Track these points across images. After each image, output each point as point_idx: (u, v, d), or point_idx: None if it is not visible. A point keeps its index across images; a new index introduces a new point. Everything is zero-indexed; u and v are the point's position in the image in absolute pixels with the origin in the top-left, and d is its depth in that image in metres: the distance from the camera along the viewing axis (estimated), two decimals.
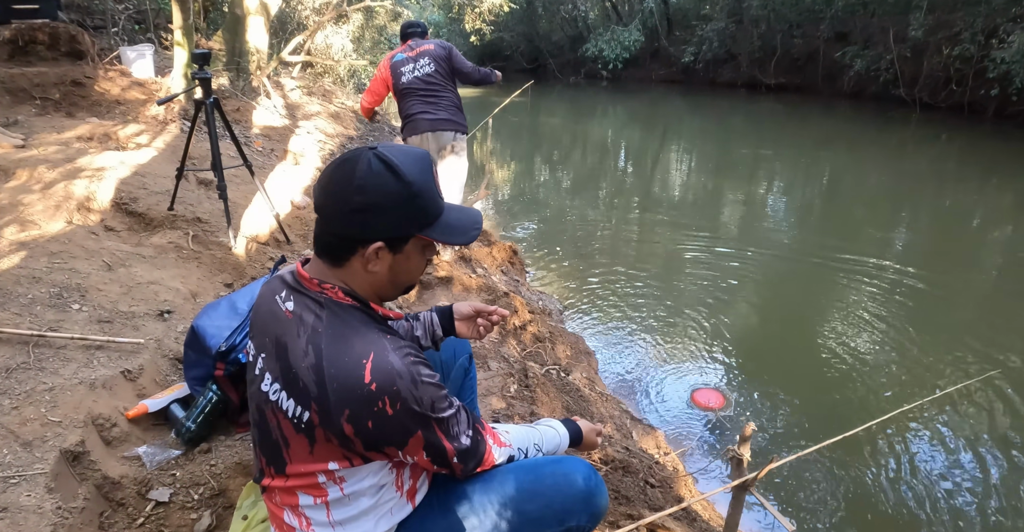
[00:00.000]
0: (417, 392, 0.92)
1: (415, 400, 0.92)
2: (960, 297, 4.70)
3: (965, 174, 9.13)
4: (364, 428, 0.91)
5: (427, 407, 0.94)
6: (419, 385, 0.93)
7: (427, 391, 0.94)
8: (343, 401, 0.90)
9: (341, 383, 0.90)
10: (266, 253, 3.14)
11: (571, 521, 1.12)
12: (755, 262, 5.37)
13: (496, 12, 11.93)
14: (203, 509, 1.50)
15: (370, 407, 0.90)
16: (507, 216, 6.83)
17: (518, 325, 3.39)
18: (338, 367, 0.91)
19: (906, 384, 3.42)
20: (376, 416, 0.91)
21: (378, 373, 0.90)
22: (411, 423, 0.93)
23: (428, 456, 0.98)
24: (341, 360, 0.91)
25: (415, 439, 0.95)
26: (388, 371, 0.91)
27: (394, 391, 0.90)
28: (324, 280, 0.98)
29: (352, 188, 0.91)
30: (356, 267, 0.98)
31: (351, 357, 0.91)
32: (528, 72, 25.35)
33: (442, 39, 5.02)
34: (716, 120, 14.93)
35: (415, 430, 0.94)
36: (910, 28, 13.75)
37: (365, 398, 0.90)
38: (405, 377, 0.92)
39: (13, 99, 4.53)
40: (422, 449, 0.97)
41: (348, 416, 0.91)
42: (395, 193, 0.93)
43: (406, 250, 0.99)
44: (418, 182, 0.94)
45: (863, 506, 2.60)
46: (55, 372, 1.72)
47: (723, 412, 3.20)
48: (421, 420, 0.94)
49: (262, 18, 6.87)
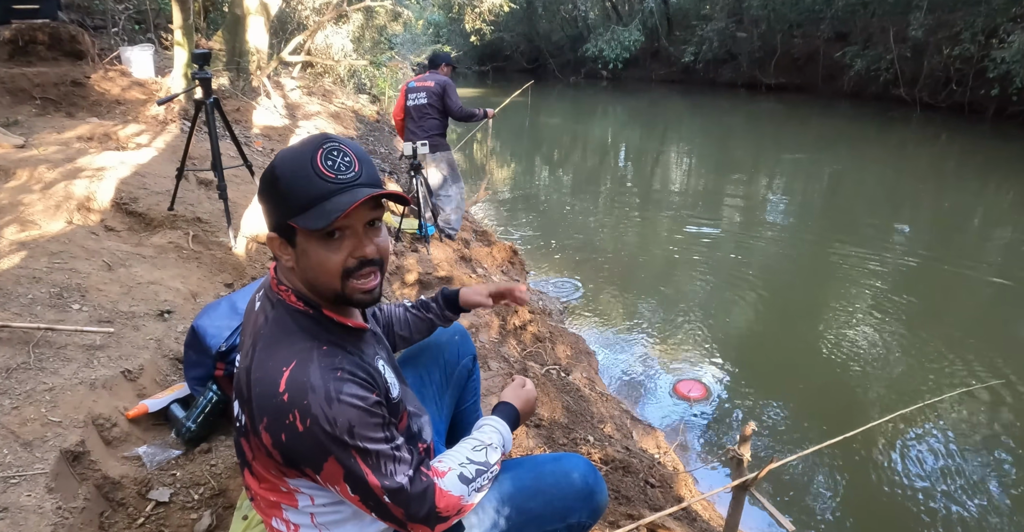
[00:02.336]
0: (330, 411, 0.85)
1: (327, 419, 0.85)
2: (962, 299, 4.70)
3: (965, 174, 9.13)
4: (279, 441, 0.87)
5: (342, 430, 0.86)
6: (334, 404, 0.85)
7: (344, 412, 0.86)
8: (261, 408, 0.87)
9: (261, 389, 0.88)
10: (266, 253, 3.13)
11: (572, 518, 1.12)
12: (755, 262, 5.37)
13: (496, 12, 11.92)
14: (203, 509, 1.50)
15: (282, 419, 0.86)
16: (507, 216, 6.83)
17: (518, 325, 3.39)
18: (262, 371, 0.89)
19: (906, 386, 3.42)
20: (288, 430, 0.86)
21: (292, 384, 0.86)
22: (323, 445, 0.86)
23: (353, 491, 0.89)
24: (265, 365, 0.89)
25: (331, 465, 0.87)
26: (302, 383, 0.85)
27: (304, 405, 0.85)
28: (282, 281, 0.96)
29: (267, 172, 0.92)
30: (282, 261, 0.95)
31: (274, 363, 0.88)
32: (528, 72, 25.37)
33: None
34: (716, 120, 14.93)
35: (328, 454, 0.86)
36: (910, 28, 13.76)
37: (277, 408, 0.86)
38: (319, 392, 0.85)
39: (13, 99, 4.53)
40: (342, 479, 0.88)
41: (266, 424, 0.87)
42: (267, 179, 0.91)
43: (298, 243, 0.91)
44: (281, 166, 0.90)
45: (863, 506, 2.60)
46: (55, 372, 1.72)
47: (704, 403, 3.23)
48: (335, 444, 0.86)
49: (262, 18, 6.87)
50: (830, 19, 16.63)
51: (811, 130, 13.09)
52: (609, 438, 2.48)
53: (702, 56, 20.35)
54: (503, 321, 3.35)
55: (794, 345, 3.97)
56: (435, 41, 20.62)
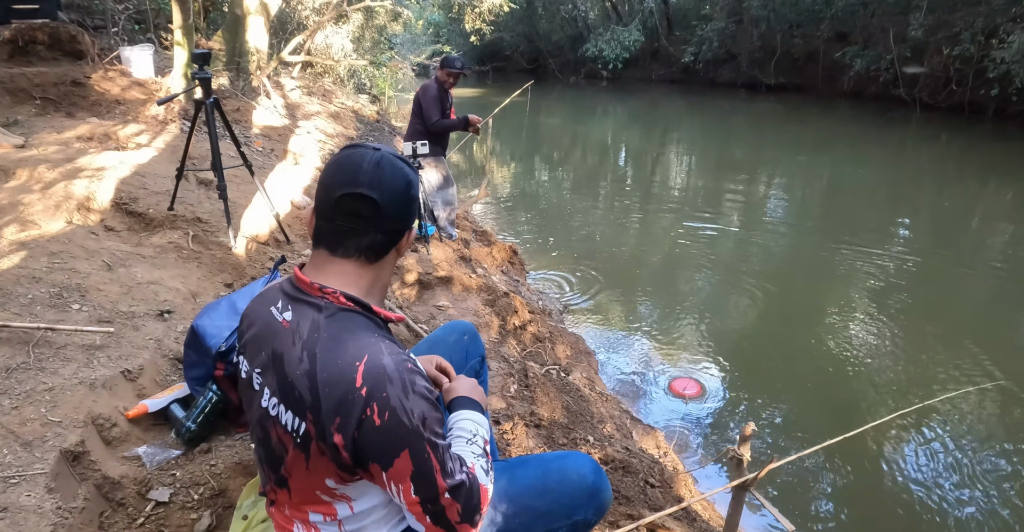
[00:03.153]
0: (408, 403, 0.86)
1: (404, 411, 0.85)
2: (962, 299, 4.71)
3: (965, 174, 9.13)
4: (351, 439, 0.86)
5: (419, 422, 0.86)
6: (410, 395, 0.86)
7: (418, 404, 0.87)
8: (334, 408, 0.86)
9: (332, 388, 0.86)
10: (266, 253, 3.13)
11: (578, 515, 1.13)
12: (755, 262, 5.37)
13: (496, 12, 11.92)
14: (203, 509, 1.50)
15: (359, 415, 0.84)
16: (507, 216, 6.83)
17: (518, 325, 3.39)
18: (331, 371, 0.87)
19: (906, 385, 3.42)
20: (363, 425, 0.85)
21: (369, 376, 0.85)
22: (399, 438, 0.86)
23: (416, 492, 0.88)
24: (335, 364, 0.87)
25: (402, 460, 0.86)
26: (379, 375, 0.85)
27: (383, 398, 0.85)
28: (325, 285, 0.94)
29: (405, 181, 0.95)
30: (390, 259, 0.99)
31: (344, 360, 0.87)
32: (528, 72, 25.37)
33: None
34: (716, 120, 14.94)
35: (403, 448, 0.86)
36: (910, 28, 13.76)
37: (354, 404, 0.85)
38: (396, 383, 0.86)
39: (13, 99, 4.53)
40: (409, 477, 0.87)
41: (338, 425, 0.86)
42: (415, 183, 0.98)
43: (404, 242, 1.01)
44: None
45: (863, 506, 2.60)
46: (55, 372, 1.72)
47: (699, 401, 3.24)
48: (412, 436, 0.86)
49: (262, 18, 6.87)
50: (830, 19, 16.63)
51: (811, 130, 13.10)
52: (609, 438, 2.48)
53: (702, 56, 20.35)
54: (503, 321, 3.35)
55: (794, 345, 3.97)
56: (435, 41, 20.62)
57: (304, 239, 3.60)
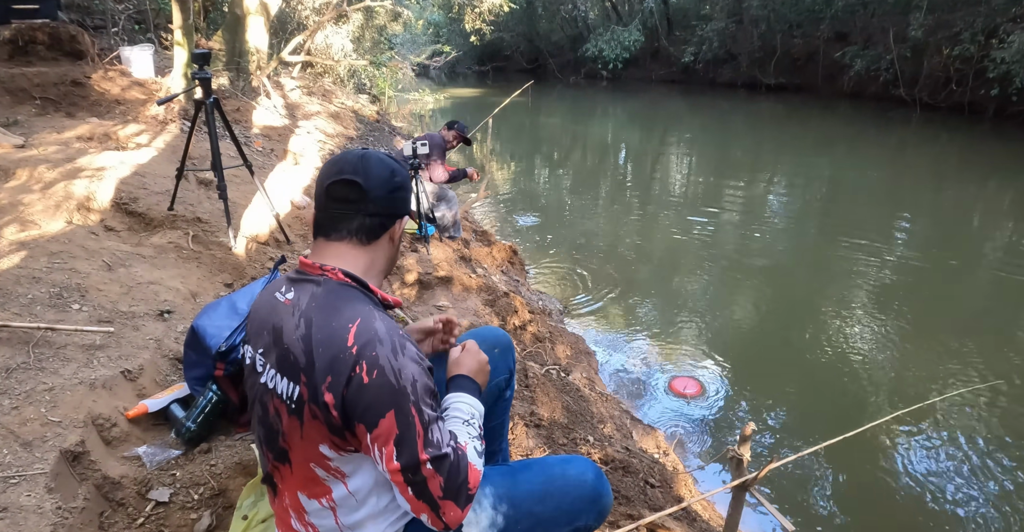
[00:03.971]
0: (396, 363, 0.90)
1: (392, 371, 0.89)
2: (962, 299, 4.70)
3: (965, 174, 9.13)
4: (341, 397, 0.89)
5: (407, 383, 0.90)
6: (399, 356, 0.90)
7: (408, 366, 0.91)
8: (326, 367, 0.90)
9: (325, 347, 0.91)
10: (266, 253, 3.13)
11: (580, 521, 1.13)
12: (755, 262, 5.37)
13: (496, 12, 11.92)
14: (203, 509, 1.50)
15: (348, 372, 0.89)
16: (507, 216, 6.83)
17: (518, 325, 3.39)
18: (324, 332, 0.92)
19: (907, 385, 3.42)
20: (353, 383, 0.89)
21: (360, 337, 0.90)
22: (385, 397, 0.89)
23: (398, 458, 0.89)
24: (328, 325, 0.93)
25: (387, 421, 0.89)
26: (370, 336, 0.90)
27: (372, 357, 0.89)
28: (326, 263, 1.02)
29: (390, 171, 1.05)
30: (384, 243, 1.07)
31: (339, 322, 0.93)
32: (528, 72, 25.38)
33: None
34: (716, 120, 14.93)
35: (388, 408, 0.89)
36: (910, 28, 13.76)
37: (345, 362, 0.89)
38: (386, 344, 0.90)
39: (13, 99, 4.52)
40: (392, 441, 0.89)
41: (329, 383, 0.90)
42: (407, 176, 1.11)
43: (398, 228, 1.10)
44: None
45: (863, 506, 2.60)
46: (55, 372, 1.72)
47: (700, 400, 3.25)
48: (398, 396, 0.89)
49: (262, 18, 6.87)
50: (830, 19, 16.62)
51: (811, 130, 13.10)
52: (609, 438, 2.48)
53: (702, 56, 20.35)
54: (503, 321, 3.35)
55: (794, 344, 3.97)
56: (435, 41, 20.63)
57: (304, 239, 3.60)
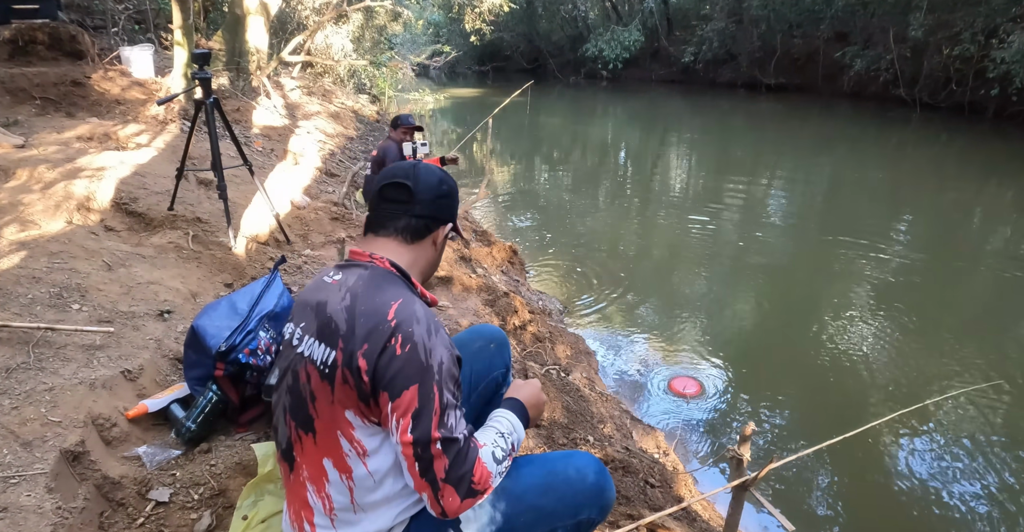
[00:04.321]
0: (429, 343, 0.97)
1: (424, 348, 0.96)
2: (962, 298, 4.70)
3: (965, 174, 9.13)
4: (374, 363, 0.96)
5: (435, 362, 0.97)
6: (433, 337, 0.98)
7: (438, 348, 0.98)
8: (364, 334, 0.97)
9: (367, 318, 0.99)
10: (266, 253, 3.13)
11: (582, 514, 1.14)
12: (755, 262, 5.37)
13: (496, 12, 11.94)
14: (203, 509, 1.50)
15: (384, 342, 0.96)
16: (507, 216, 6.83)
17: (518, 325, 3.39)
18: (368, 305, 1.00)
19: (907, 385, 3.42)
20: (387, 353, 0.96)
21: (401, 313, 0.98)
22: (413, 371, 0.95)
23: (412, 430, 0.95)
24: (372, 300, 1.01)
25: (410, 393, 0.95)
26: (410, 314, 0.98)
27: (408, 332, 0.96)
28: (375, 252, 1.10)
29: (438, 178, 1.16)
30: (426, 245, 1.16)
31: (382, 298, 1.01)
32: (528, 72, 25.38)
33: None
34: (716, 120, 14.93)
35: (413, 381, 0.95)
36: (910, 28, 13.76)
37: (383, 332, 0.96)
38: (423, 324, 0.98)
39: (13, 99, 4.53)
40: (410, 415, 0.95)
41: (366, 350, 0.96)
42: (455, 186, 1.20)
43: (449, 234, 1.20)
44: None
45: (863, 506, 2.60)
46: (55, 372, 1.72)
47: (699, 400, 3.25)
48: (424, 372, 0.96)
49: (262, 18, 6.87)
50: (830, 19, 16.63)
51: (811, 130, 13.10)
52: (609, 438, 2.48)
53: (702, 56, 20.35)
54: (503, 321, 3.35)
55: (794, 344, 3.97)
56: (435, 41, 20.65)
57: (304, 239, 3.60)
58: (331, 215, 3.94)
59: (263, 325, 1.83)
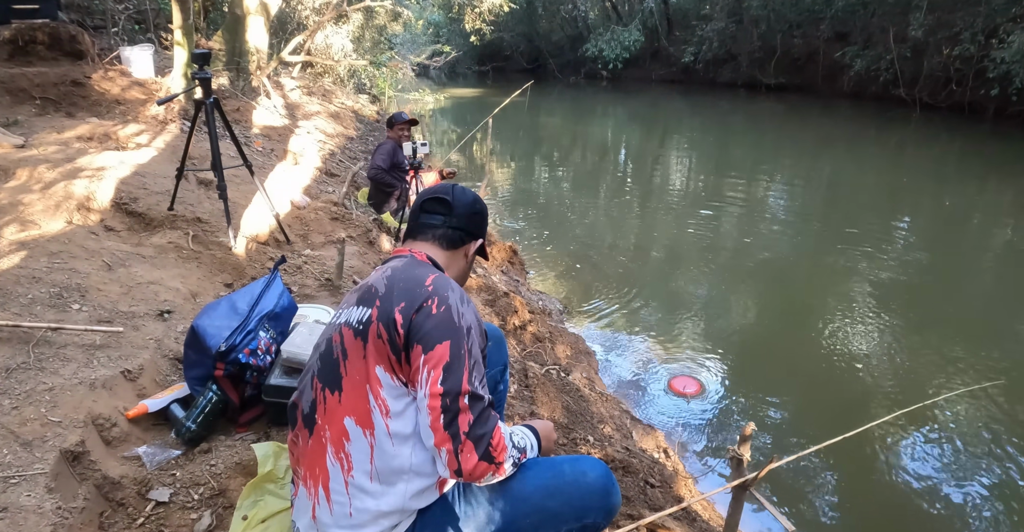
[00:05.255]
0: (462, 307, 1.09)
1: (458, 311, 1.07)
2: (962, 298, 4.71)
3: (965, 174, 9.13)
4: (409, 317, 1.06)
5: (466, 324, 1.07)
6: (465, 304, 1.10)
7: (469, 314, 1.09)
8: (402, 294, 1.09)
9: (406, 283, 1.11)
10: (266, 253, 3.13)
11: (588, 518, 1.15)
12: (755, 262, 5.37)
13: (496, 12, 11.93)
14: (203, 509, 1.50)
15: (421, 302, 1.07)
16: (507, 216, 6.83)
17: (518, 325, 3.39)
18: (407, 274, 1.14)
19: (907, 385, 3.42)
20: (423, 311, 1.06)
21: (437, 282, 1.11)
22: (446, 329, 1.05)
23: (442, 382, 1.01)
24: (411, 273, 1.14)
25: (442, 347, 1.03)
26: (445, 284, 1.11)
27: (443, 296, 1.08)
28: (413, 248, 1.25)
29: (472, 198, 1.33)
30: (459, 255, 1.31)
31: (420, 273, 1.14)
32: (528, 72, 25.37)
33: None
34: (716, 120, 14.93)
35: (446, 337, 1.04)
36: (910, 28, 13.76)
37: (420, 294, 1.08)
38: (456, 292, 1.11)
39: (13, 99, 4.52)
40: (442, 367, 1.02)
41: (403, 307, 1.07)
42: (486, 209, 1.38)
43: (477, 254, 1.35)
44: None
45: (863, 506, 2.60)
46: (55, 372, 1.72)
47: (699, 399, 3.25)
48: (456, 332, 1.05)
49: (262, 18, 6.87)
50: (830, 19, 16.62)
51: (811, 130, 13.09)
52: (609, 438, 2.48)
53: (702, 56, 20.34)
54: (503, 321, 3.35)
55: (794, 344, 3.97)
56: (435, 41, 20.64)
57: (304, 239, 3.60)
58: (331, 215, 3.94)
59: (263, 325, 1.83)
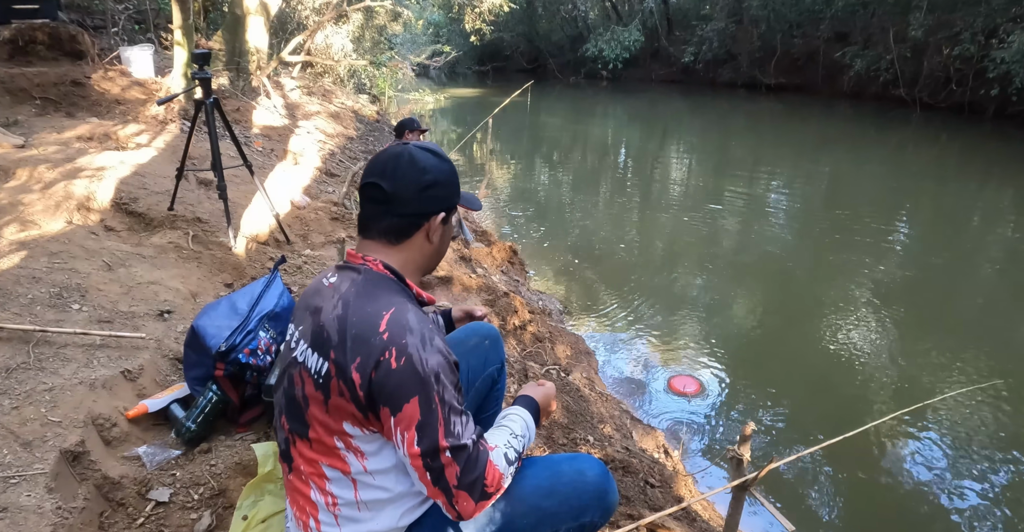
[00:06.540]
0: (424, 353, 0.94)
1: (420, 360, 0.93)
2: (962, 298, 4.71)
3: (965, 174, 9.13)
4: (369, 378, 0.93)
5: (431, 373, 0.94)
6: (428, 347, 0.95)
7: (434, 357, 0.95)
8: (356, 347, 0.95)
9: (359, 329, 0.96)
10: (266, 253, 3.13)
11: (585, 517, 1.14)
12: (755, 262, 5.37)
13: (496, 12, 11.93)
14: (203, 509, 1.50)
15: (378, 356, 0.93)
16: (507, 216, 6.83)
17: (518, 325, 3.39)
18: (359, 316, 0.97)
19: (907, 385, 3.42)
20: (381, 367, 0.93)
21: (393, 325, 0.95)
22: (411, 384, 0.93)
23: (418, 443, 0.93)
24: (364, 310, 0.98)
25: (411, 406, 0.93)
26: (402, 325, 0.95)
27: (401, 344, 0.93)
28: (368, 254, 1.07)
29: (418, 170, 1.06)
30: (418, 241, 1.10)
31: (373, 308, 0.97)
32: (528, 72, 25.36)
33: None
34: (716, 120, 14.93)
35: (413, 394, 0.93)
36: (910, 28, 13.76)
37: (375, 346, 0.94)
38: (416, 334, 0.95)
39: (13, 99, 4.52)
40: (415, 427, 0.93)
41: (358, 364, 0.94)
42: (447, 170, 1.10)
43: (449, 220, 1.13)
44: (446, 158, 1.12)
45: (863, 506, 2.60)
46: (55, 372, 1.72)
47: (700, 399, 3.26)
48: (422, 385, 0.93)
49: (262, 18, 6.87)
50: (830, 19, 16.62)
51: (811, 130, 13.09)
52: (609, 438, 2.48)
53: (702, 56, 20.34)
54: (503, 321, 3.35)
55: (794, 344, 3.97)
56: (435, 41, 20.62)
57: (304, 239, 3.60)
58: (331, 215, 3.94)
59: (263, 325, 1.83)
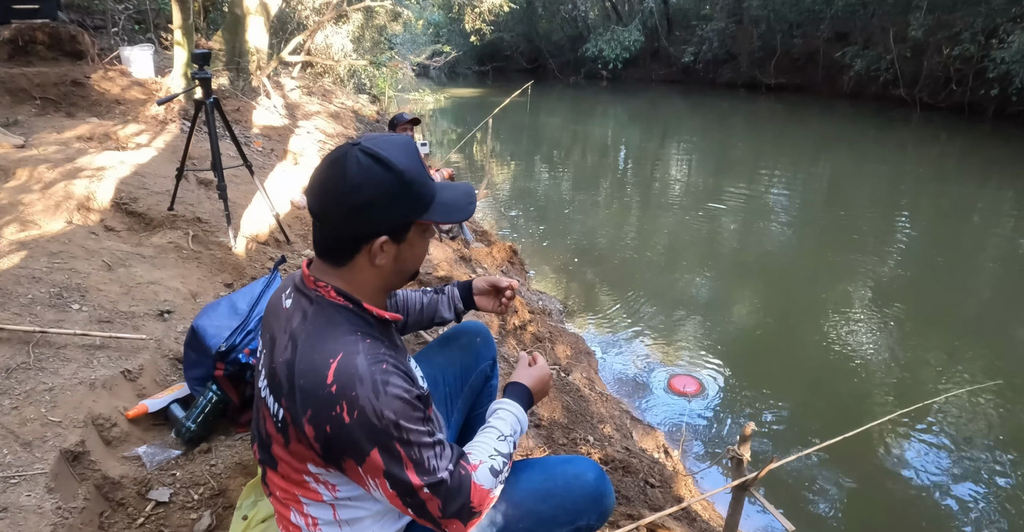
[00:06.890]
0: (378, 403, 0.86)
1: (374, 412, 0.85)
2: (963, 298, 4.70)
3: (965, 174, 9.13)
4: (323, 432, 0.87)
5: (388, 423, 0.86)
6: (381, 396, 0.86)
7: (390, 404, 0.86)
8: (306, 400, 0.88)
9: (306, 381, 0.88)
10: (266, 253, 3.13)
11: (581, 520, 1.13)
12: (755, 261, 5.37)
13: (496, 12, 11.93)
14: (203, 509, 1.50)
15: (329, 410, 0.86)
16: (507, 216, 6.83)
17: (518, 325, 3.39)
18: (306, 364, 0.89)
19: (907, 385, 3.42)
20: (335, 421, 0.86)
21: (340, 376, 0.86)
22: (369, 437, 0.86)
23: (392, 487, 0.89)
24: (311, 357, 0.89)
25: (373, 457, 0.87)
26: (350, 375, 0.86)
27: (352, 397, 0.85)
28: (320, 278, 0.97)
29: (347, 188, 0.90)
30: (361, 265, 0.96)
31: (320, 355, 0.89)
32: (528, 72, 25.37)
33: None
34: (716, 120, 14.93)
35: (373, 445, 0.87)
36: (910, 28, 13.75)
37: (325, 400, 0.86)
38: (366, 383, 0.86)
39: (13, 99, 4.52)
40: (383, 475, 0.88)
41: (310, 417, 0.88)
42: (390, 184, 0.91)
43: (409, 238, 0.97)
44: (409, 169, 0.93)
45: (863, 506, 2.60)
46: (55, 372, 1.72)
47: (699, 398, 3.26)
48: (381, 436, 0.86)
49: (262, 18, 6.87)
50: (830, 19, 16.62)
51: (811, 130, 13.09)
52: (609, 438, 2.48)
53: (702, 56, 20.34)
54: (503, 321, 3.35)
55: (794, 344, 3.97)
56: (435, 41, 20.63)
57: (304, 239, 3.60)
58: None
59: None
